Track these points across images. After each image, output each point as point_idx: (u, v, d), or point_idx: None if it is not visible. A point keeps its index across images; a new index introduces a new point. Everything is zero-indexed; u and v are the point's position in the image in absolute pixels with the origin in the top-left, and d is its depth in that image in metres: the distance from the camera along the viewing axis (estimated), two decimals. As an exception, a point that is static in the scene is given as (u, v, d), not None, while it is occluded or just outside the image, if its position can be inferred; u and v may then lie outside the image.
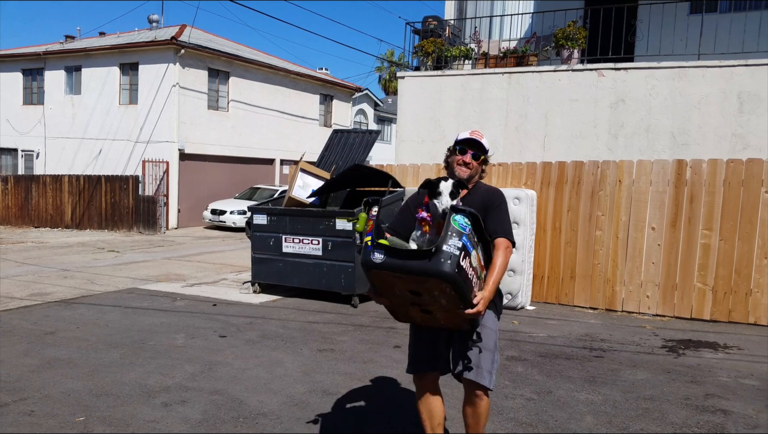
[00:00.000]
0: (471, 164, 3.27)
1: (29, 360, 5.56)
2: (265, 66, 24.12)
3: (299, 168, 9.11)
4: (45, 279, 10.01)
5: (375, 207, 3.06)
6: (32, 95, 23.96)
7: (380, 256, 2.89)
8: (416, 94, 11.54)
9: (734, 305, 7.56)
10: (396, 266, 2.86)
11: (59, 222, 20.58)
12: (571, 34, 10.28)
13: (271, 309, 7.99)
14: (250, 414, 4.40)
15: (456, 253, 2.78)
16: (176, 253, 14.18)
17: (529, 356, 6.00)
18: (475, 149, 3.29)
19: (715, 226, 7.63)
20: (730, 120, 9.11)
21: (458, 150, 3.29)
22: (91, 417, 4.27)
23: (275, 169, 24.91)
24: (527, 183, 8.72)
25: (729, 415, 4.53)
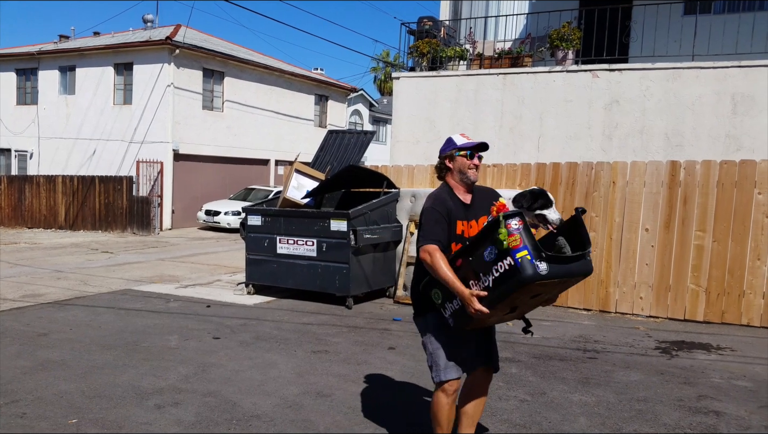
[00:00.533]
0: (480, 165, 3.43)
1: (22, 361, 5.54)
2: (260, 66, 24.08)
3: (294, 169, 9.09)
4: (38, 280, 9.97)
5: (516, 218, 2.90)
6: (26, 95, 23.86)
7: (544, 266, 2.86)
8: (411, 94, 11.53)
9: (727, 306, 7.58)
10: (563, 272, 2.95)
11: (53, 223, 20.50)
12: (566, 35, 10.29)
13: (266, 311, 7.98)
14: (244, 415, 4.39)
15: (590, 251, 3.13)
16: (170, 254, 14.14)
17: (522, 357, 6.00)
18: (481, 151, 3.42)
19: (708, 227, 7.65)
20: (724, 121, 9.13)
21: (469, 155, 3.36)
22: (84, 419, 4.25)
23: (270, 170, 24.87)
24: (522, 184, 8.72)
25: (722, 416, 4.55)
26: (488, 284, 2.95)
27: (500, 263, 2.89)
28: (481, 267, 2.98)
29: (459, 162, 3.38)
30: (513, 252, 2.84)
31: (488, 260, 2.94)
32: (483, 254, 2.97)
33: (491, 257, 2.93)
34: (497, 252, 2.91)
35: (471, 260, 3.05)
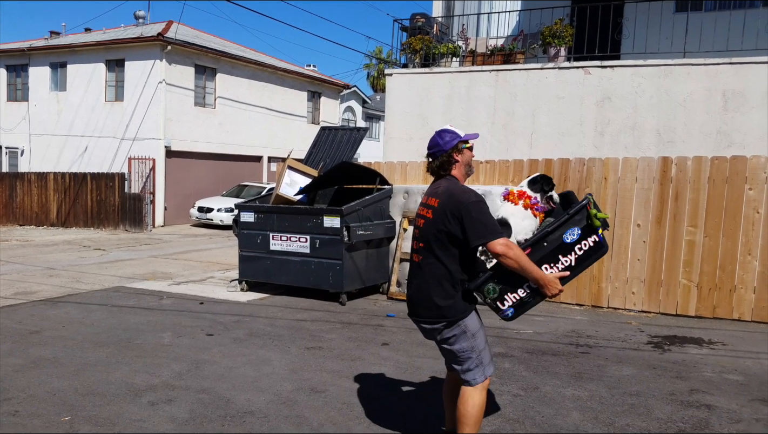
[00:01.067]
0: None
1: (14, 359, 5.51)
2: (253, 63, 24.02)
3: (287, 165, 9.08)
4: (30, 278, 9.92)
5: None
6: (16, 92, 23.72)
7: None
8: (404, 91, 11.54)
9: (719, 301, 7.64)
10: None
11: (44, 220, 20.40)
12: (558, 32, 10.33)
13: (259, 307, 7.97)
14: (238, 412, 4.39)
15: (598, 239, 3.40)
16: (163, 251, 14.10)
17: (515, 352, 6.03)
18: None
19: (700, 223, 7.70)
20: (715, 118, 9.19)
21: (471, 148, 3.43)
22: (77, 417, 4.24)
23: (263, 166, 24.83)
24: (514, 181, 8.74)
25: (713, 410, 4.58)
26: (570, 263, 3.28)
27: (584, 242, 3.27)
28: (561, 250, 3.27)
29: (466, 155, 3.39)
30: (596, 229, 3.28)
31: (570, 242, 3.27)
32: (563, 236, 3.27)
33: (574, 238, 3.26)
34: (580, 232, 3.27)
35: (545, 246, 3.28)
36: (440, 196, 3.31)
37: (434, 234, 3.29)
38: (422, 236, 3.38)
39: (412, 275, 3.50)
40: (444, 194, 3.30)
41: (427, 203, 3.38)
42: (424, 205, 3.42)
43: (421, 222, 3.41)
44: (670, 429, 4.21)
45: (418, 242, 3.43)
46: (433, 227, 3.29)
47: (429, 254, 3.33)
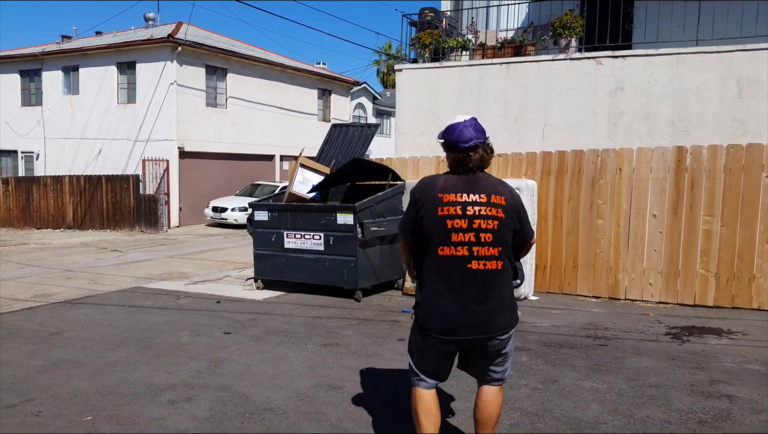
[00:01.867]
0: None
1: (35, 360, 5.58)
2: (263, 62, 24.08)
3: (299, 163, 9.10)
4: (49, 280, 10.03)
5: None
6: (30, 96, 23.95)
7: None
8: (414, 86, 11.52)
9: (737, 290, 7.57)
10: None
11: (61, 223, 20.61)
12: (569, 22, 10.25)
13: (275, 305, 8.01)
14: (257, 409, 4.41)
15: None
16: (179, 251, 14.20)
17: (533, 346, 6.01)
18: None
19: (716, 212, 7.63)
20: (730, 105, 9.09)
21: None
22: (98, 417, 4.28)
23: (275, 165, 24.91)
24: (527, 173, 8.71)
25: (734, 401, 4.55)
26: None
27: None
28: None
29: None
30: None
31: None
32: None
33: None
34: None
35: None
36: (503, 193, 3.07)
37: (510, 235, 3.08)
38: (498, 240, 3.03)
39: (479, 287, 3.05)
40: (505, 189, 3.10)
41: (492, 201, 3.02)
42: (486, 204, 3.02)
43: (493, 224, 3.01)
44: (690, 421, 4.19)
45: (489, 247, 3.02)
46: (508, 228, 3.06)
47: (505, 258, 3.09)
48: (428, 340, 3.19)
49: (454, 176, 3.13)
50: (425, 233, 3.07)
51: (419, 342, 3.26)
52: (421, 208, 3.07)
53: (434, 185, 3.09)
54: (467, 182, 3.08)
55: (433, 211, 3.03)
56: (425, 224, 3.05)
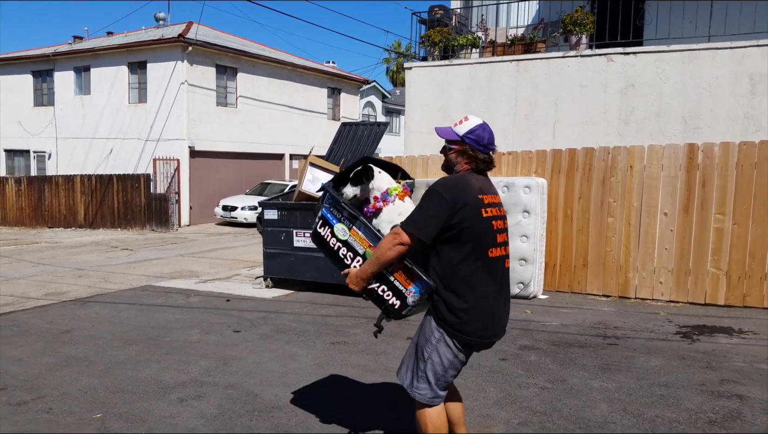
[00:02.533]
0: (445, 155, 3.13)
1: (46, 358, 5.63)
2: (273, 61, 24.13)
3: (308, 162, 9.11)
4: (60, 279, 10.11)
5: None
6: (42, 96, 24.13)
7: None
8: (424, 84, 11.50)
9: (749, 289, 7.50)
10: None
11: (72, 222, 20.75)
12: (579, 19, 10.19)
13: (284, 303, 8.03)
14: (265, 407, 4.42)
15: (316, 220, 3.44)
16: (189, 250, 14.26)
17: (542, 345, 5.98)
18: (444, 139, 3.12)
19: (728, 210, 7.56)
20: (742, 102, 9.00)
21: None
22: (108, 414, 4.31)
23: (285, 164, 24.95)
24: (537, 171, 8.68)
25: (745, 400, 4.50)
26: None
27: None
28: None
29: None
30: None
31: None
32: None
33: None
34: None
35: None
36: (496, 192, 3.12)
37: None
38: (505, 239, 3.07)
39: (507, 286, 3.10)
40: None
41: (495, 201, 3.02)
42: (500, 205, 3.06)
43: (505, 223, 3.07)
44: (700, 420, 4.15)
45: (506, 246, 3.06)
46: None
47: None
48: (466, 350, 3.02)
49: (479, 176, 3.03)
50: (467, 236, 2.86)
51: (452, 358, 2.99)
52: (459, 211, 2.83)
53: (471, 187, 2.91)
54: (488, 183, 3.07)
55: (478, 213, 2.88)
56: (467, 227, 2.85)
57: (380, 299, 3.16)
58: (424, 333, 3.04)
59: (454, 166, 3.05)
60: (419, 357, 3.04)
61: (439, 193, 2.86)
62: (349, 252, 3.27)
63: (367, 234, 3.22)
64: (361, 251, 3.22)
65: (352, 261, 3.25)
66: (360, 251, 3.23)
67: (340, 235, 3.28)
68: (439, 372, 3.00)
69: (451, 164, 3.06)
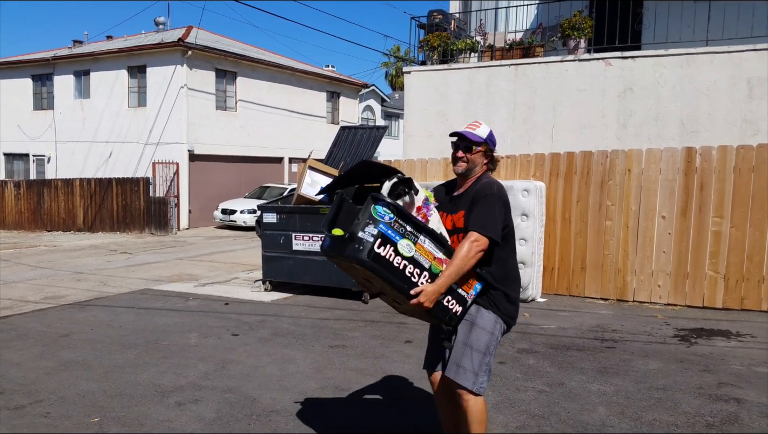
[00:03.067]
0: (464, 157, 3.15)
1: (44, 362, 5.63)
2: (272, 65, 24.17)
3: (307, 166, 9.12)
4: (59, 282, 10.11)
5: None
6: (42, 100, 24.16)
7: (326, 243, 3.07)
8: (423, 88, 11.52)
9: (747, 292, 7.51)
10: (334, 252, 3.00)
11: (71, 225, 20.76)
12: (577, 23, 10.22)
13: (283, 307, 8.03)
14: (263, 411, 4.43)
15: (370, 240, 2.83)
16: (188, 253, 14.27)
17: (540, 348, 5.99)
18: (463, 141, 3.16)
19: (726, 213, 7.58)
20: (740, 106, 9.02)
21: (452, 145, 3.23)
22: (106, 418, 4.31)
23: (284, 167, 24.98)
24: (536, 175, 8.69)
25: (743, 404, 4.51)
26: None
27: None
28: None
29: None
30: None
31: None
32: None
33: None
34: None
35: None
36: None
37: None
38: None
39: None
40: None
41: None
42: None
43: None
44: (698, 424, 4.16)
45: None
46: None
47: None
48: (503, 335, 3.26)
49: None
50: (512, 233, 3.20)
51: (496, 345, 3.17)
52: (508, 211, 3.14)
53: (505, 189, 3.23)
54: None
55: (510, 212, 3.21)
56: (511, 225, 3.18)
57: (445, 310, 2.99)
58: (484, 328, 3.09)
59: (476, 166, 3.19)
60: (485, 352, 3.09)
61: (499, 196, 3.08)
62: (416, 269, 2.91)
63: (434, 245, 2.97)
64: (427, 265, 2.94)
65: (419, 278, 2.91)
66: (426, 265, 2.93)
67: (405, 252, 2.89)
68: (491, 365, 3.20)
69: (474, 164, 3.18)
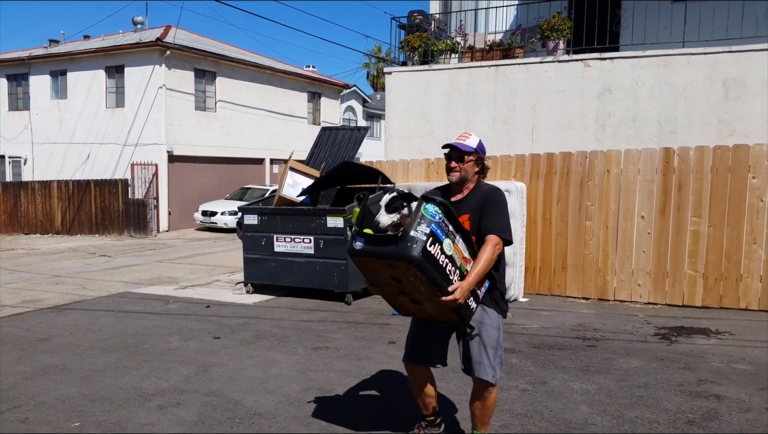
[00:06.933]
0: (457, 167, 3.41)
1: (22, 367, 5.54)
2: (252, 65, 24.04)
3: (289, 167, 9.09)
4: (37, 286, 9.95)
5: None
6: (18, 101, 23.78)
7: (360, 243, 3.13)
8: (404, 89, 11.53)
9: (725, 291, 7.62)
10: (372, 251, 3.08)
11: (49, 228, 20.46)
12: (557, 25, 10.30)
13: (265, 309, 7.99)
14: (246, 414, 4.40)
15: (422, 238, 2.94)
16: (168, 256, 14.13)
17: (522, 347, 6.02)
18: (456, 152, 3.42)
19: (704, 213, 7.68)
20: (716, 107, 9.15)
21: (445, 156, 3.49)
22: (87, 422, 4.25)
23: (265, 168, 24.85)
24: (516, 175, 8.74)
25: (722, 400, 4.58)
26: None
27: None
28: None
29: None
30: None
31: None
32: None
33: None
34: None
35: None
36: None
37: None
38: None
39: None
40: None
41: None
42: None
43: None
44: (678, 421, 4.21)
45: None
46: None
47: None
48: None
49: None
50: None
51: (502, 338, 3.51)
52: None
53: None
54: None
55: None
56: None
57: (467, 307, 3.18)
58: (493, 325, 3.41)
59: (469, 175, 3.44)
60: (496, 346, 3.42)
61: (506, 202, 3.40)
62: (452, 267, 3.09)
63: (464, 244, 3.17)
64: (458, 264, 3.13)
65: (453, 276, 3.08)
66: (458, 264, 3.13)
67: (447, 250, 3.07)
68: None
69: (467, 173, 3.43)
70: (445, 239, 3.04)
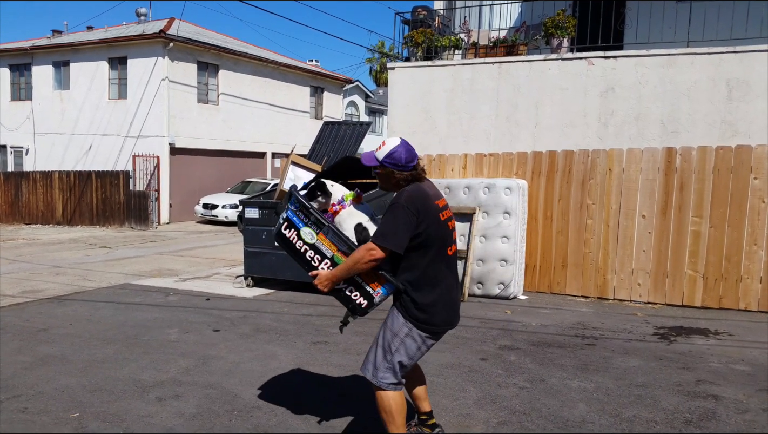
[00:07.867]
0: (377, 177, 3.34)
1: (22, 357, 5.55)
2: (255, 58, 24.00)
3: (290, 161, 9.02)
4: (37, 276, 9.97)
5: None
6: (20, 91, 23.76)
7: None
8: (407, 85, 11.51)
9: (725, 291, 7.62)
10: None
11: (50, 219, 20.47)
12: (561, 22, 10.27)
13: (265, 303, 7.99)
14: (245, 407, 4.41)
15: (280, 222, 3.45)
16: (168, 248, 14.14)
17: (521, 345, 6.03)
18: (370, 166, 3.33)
19: (705, 213, 7.68)
20: (720, 107, 9.13)
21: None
22: (85, 413, 4.26)
23: (266, 162, 24.84)
24: (518, 173, 8.74)
25: (720, 400, 4.58)
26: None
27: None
28: None
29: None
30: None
31: None
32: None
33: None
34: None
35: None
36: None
37: None
38: (455, 233, 3.49)
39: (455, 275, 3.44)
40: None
41: (445, 204, 3.37)
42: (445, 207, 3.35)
43: (453, 222, 3.45)
44: (676, 420, 4.22)
45: (455, 241, 3.46)
46: None
47: None
48: (432, 338, 3.36)
49: (428, 183, 3.35)
50: (431, 240, 3.19)
51: (416, 349, 3.33)
52: (424, 219, 3.14)
53: (428, 196, 3.23)
54: (434, 187, 3.41)
55: (437, 217, 3.22)
56: (432, 232, 3.18)
57: (347, 298, 3.39)
58: (392, 328, 3.35)
59: (388, 184, 3.30)
60: (386, 349, 3.34)
61: (404, 206, 3.12)
62: (317, 255, 3.37)
63: (335, 240, 3.32)
64: (329, 255, 3.34)
65: (319, 263, 3.37)
66: (328, 254, 3.34)
67: (307, 238, 3.36)
68: (405, 362, 3.33)
69: (385, 182, 3.31)
70: (304, 228, 3.35)
